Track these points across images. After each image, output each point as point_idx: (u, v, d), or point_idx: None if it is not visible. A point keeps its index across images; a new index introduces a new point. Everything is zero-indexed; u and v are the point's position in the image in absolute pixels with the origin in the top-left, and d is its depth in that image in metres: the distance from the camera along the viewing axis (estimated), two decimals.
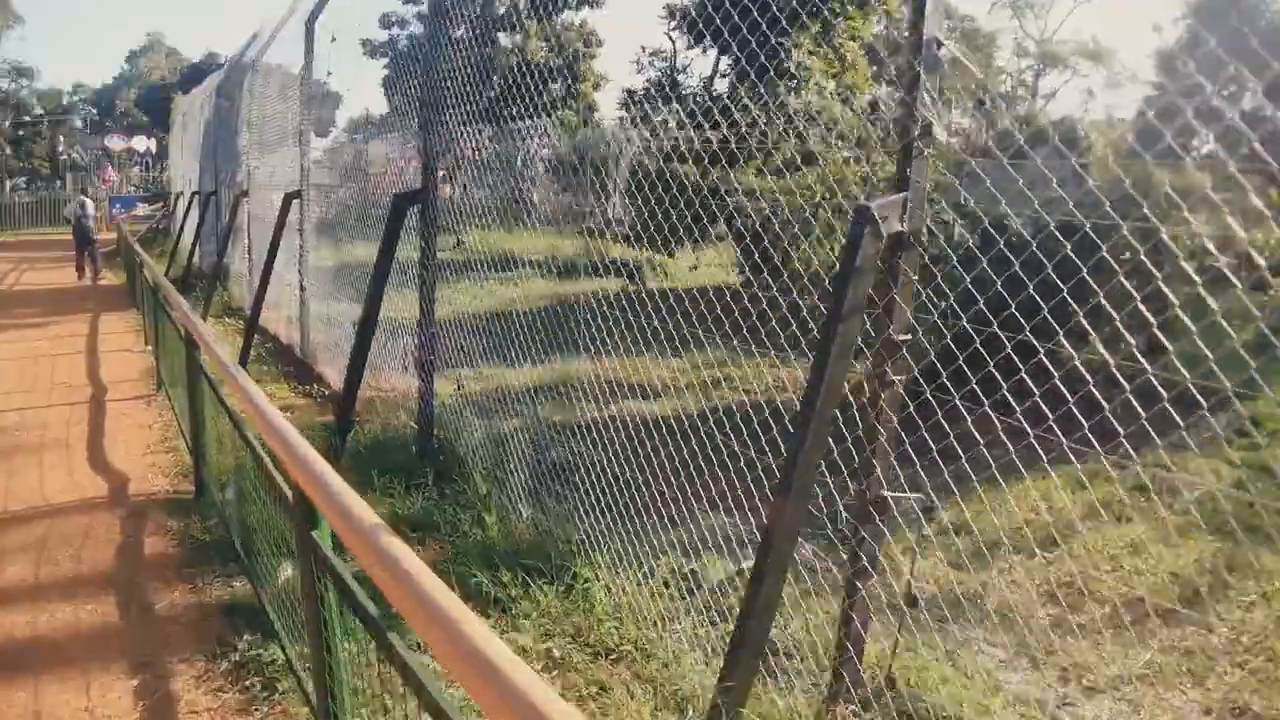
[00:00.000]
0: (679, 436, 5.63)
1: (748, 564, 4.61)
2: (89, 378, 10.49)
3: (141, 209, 39.77)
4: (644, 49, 26.47)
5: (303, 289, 10.80)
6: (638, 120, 24.93)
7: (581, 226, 9.47)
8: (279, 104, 12.68)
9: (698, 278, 18.02)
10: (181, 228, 22.22)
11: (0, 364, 11.17)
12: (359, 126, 14.32)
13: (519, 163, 9.88)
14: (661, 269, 17.75)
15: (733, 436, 5.00)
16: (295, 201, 10.51)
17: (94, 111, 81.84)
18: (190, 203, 21.29)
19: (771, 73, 21.73)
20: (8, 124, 70.54)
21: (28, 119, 73.93)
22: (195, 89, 26.48)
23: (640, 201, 10.51)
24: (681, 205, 6.14)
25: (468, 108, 6.64)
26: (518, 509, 6.12)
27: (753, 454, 4.80)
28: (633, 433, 5.77)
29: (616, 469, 5.78)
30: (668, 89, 24.66)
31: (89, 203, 22.62)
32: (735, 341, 5.76)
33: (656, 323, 6.33)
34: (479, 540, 5.73)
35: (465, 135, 7.35)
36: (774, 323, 4.80)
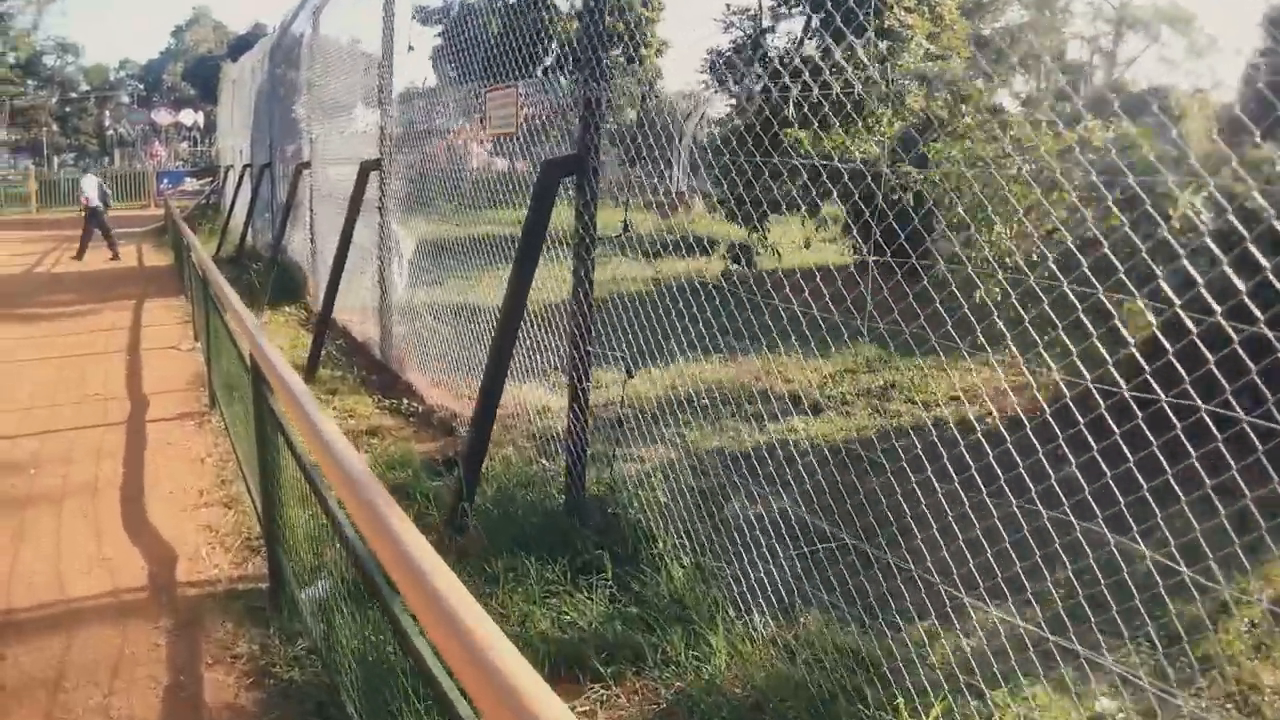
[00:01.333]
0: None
1: None
2: (127, 387, 8.60)
3: (190, 184, 38.17)
4: (729, 6, 24.31)
5: (383, 277, 8.83)
6: (729, 81, 22.73)
7: (655, 199, 7.49)
8: (346, 64, 10.72)
9: (804, 257, 15.99)
10: (232, 203, 20.43)
11: (25, 368, 9.31)
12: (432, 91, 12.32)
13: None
14: (771, 248, 15.60)
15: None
16: (374, 173, 8.53)
17: (141, 87, 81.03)
18: (241, 176, 19.48)
19: (871, 31, 19.67)
20: (54, 101, 69.76)
21: (74, 95, 73.19)
22: (245, 55, 24.64)
23: (735, 172, 8.12)
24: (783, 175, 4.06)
25: None
26: (747, 615, 4.11)
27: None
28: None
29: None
30: (757, 50, 22.50)
31: (98, 180, 21.33)
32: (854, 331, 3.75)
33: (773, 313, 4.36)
34: (706, 681, 3.72)
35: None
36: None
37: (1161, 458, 2.76)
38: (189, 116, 56.40)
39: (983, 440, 3.66)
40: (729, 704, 3.56)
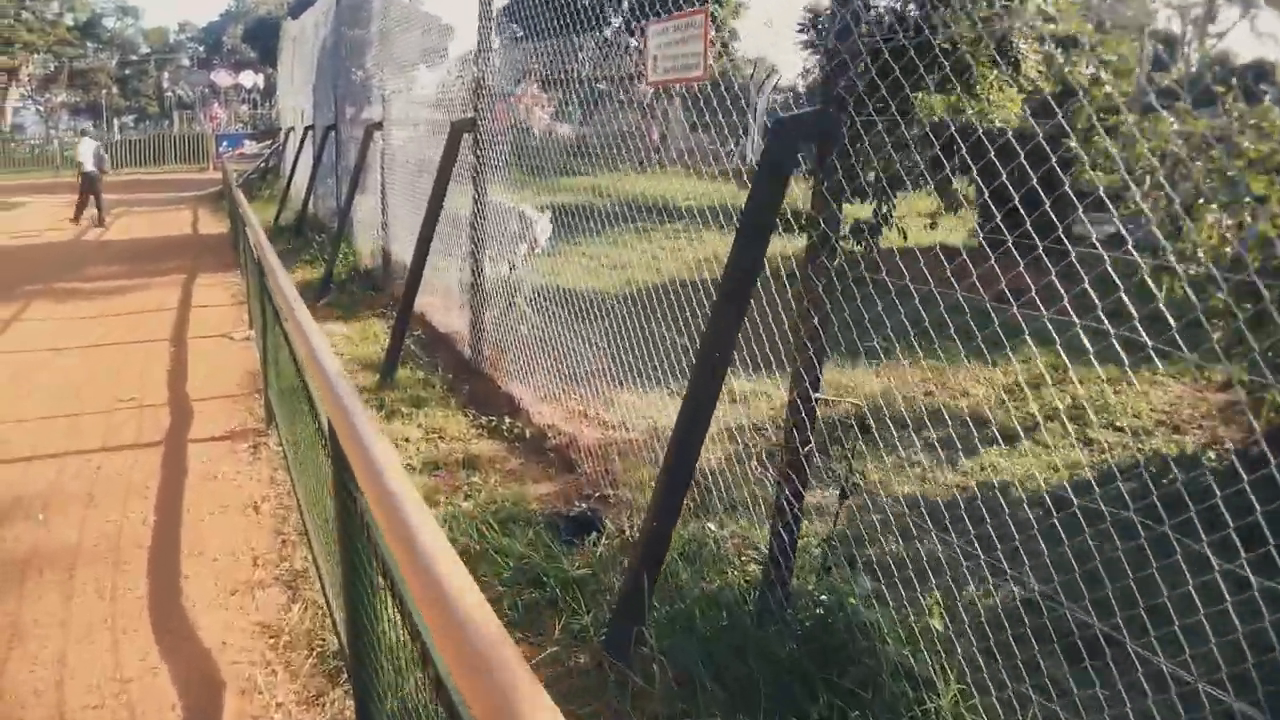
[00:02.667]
0: None
1: None
2: (168, 389, 7.13)
3: (249, 146, 37.01)
4: None
5: (476, 260, 7.27)
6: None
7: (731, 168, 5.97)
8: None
9: (915, 237, 14.20)
10: (293, 168, 19.02)
11: (52, 360, 7.90)
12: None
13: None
14: (897, 226, 13.81)
15: None
16: (468, 135, 6.95)
17: (201, 49, 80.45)
18: (303, 139, 18.04)
19: None
20: (114, 63, 69.31)
21: (134, 58, 72.73)
22: (307, 10, 23.17)
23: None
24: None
25: None
26: None
27: None
28: None
29: None
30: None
31: (100, 147, 20.64)
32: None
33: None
34: None
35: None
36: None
37: None
38: (249, 79, 55.34)
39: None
40: None
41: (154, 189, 27.92)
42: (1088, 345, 2.67)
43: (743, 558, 4.24)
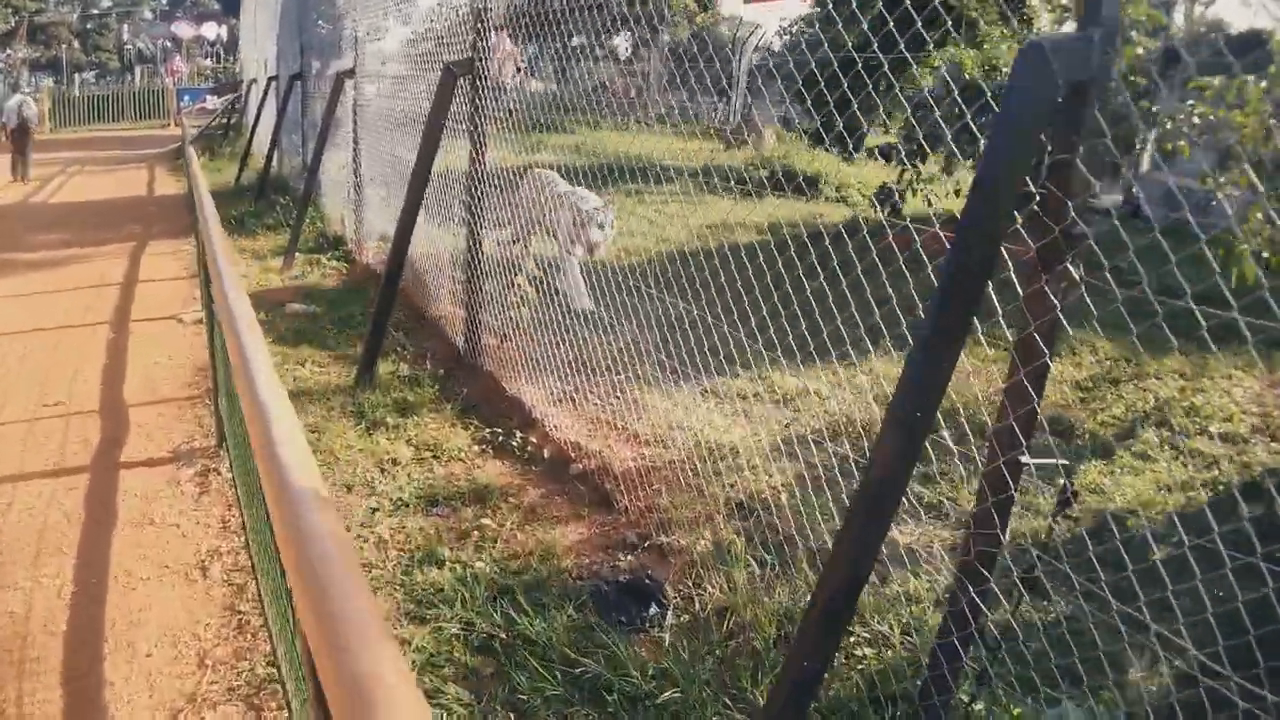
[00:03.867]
0: None
1: None
2: (102, 390, 5.90)
3: (211, 101, 35.25)
4: None
5: (472, 234, 6.06)
6: None
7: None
8: None
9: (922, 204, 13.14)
10: (255, 122, 17.58)
11: None
12: None
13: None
14: (922, 193, 12.61)
15: None
16: (464, 79, 5.72)
17: (164, 1, 77.66)
18: (266, 91, 16.62)
19: None
20: (75, 17, 66.69)
21: (95, 12, 70.06)
22: None
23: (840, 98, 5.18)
24: None
25: None
26: None
27: None
28: None
29: None
30: None
31: (29, 101, 20.35)
32: None
33: None
34: None
35: None
36: None
37: None
38: (211, 30, 53.17)
39: None
40: None
41: (111, 146, 26.26)
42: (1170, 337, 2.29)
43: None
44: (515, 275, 6.62)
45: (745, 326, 4.58)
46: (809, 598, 2.35)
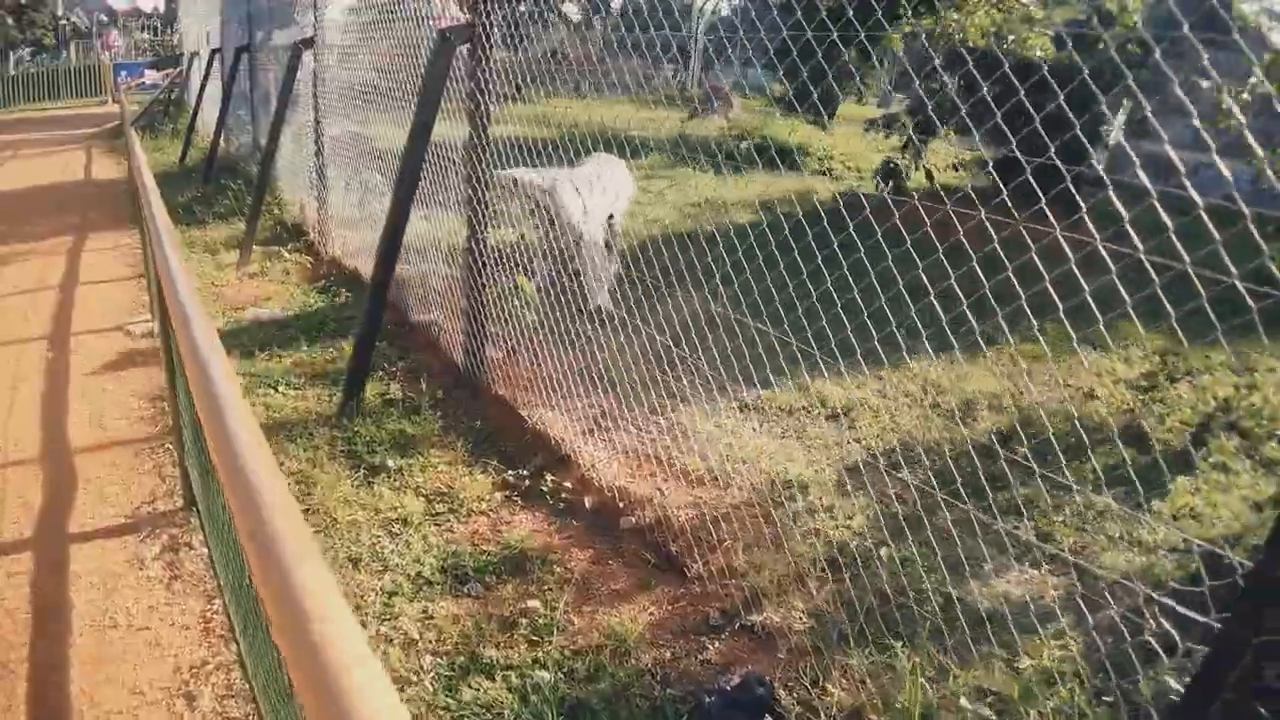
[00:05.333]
0: None
1: None
2: (42, 431, 4.93)
3: (150, 76, 33.61)
4: None
5: (475, 230, 5.17)
6: None
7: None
8: None
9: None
10: (199, 99, 16.36)
11: None
12: None
13: None
14: (924, 168, 11.79)
15: None
16: (462, 48, 4.80)
17: None
18: (210, 65, 15.43)
19: None
20: None
21: None
22: None
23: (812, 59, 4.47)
24: None
25: None
26: None
27: None
28: None
29: None
30: None
31: None
32: None
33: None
34: None
35: None
36: None
37: None
38: (148, 3, 51.04)
39: None
40: None
41: (45, 127, 24.72)
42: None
43: None
44: (518, 269, 5.76)
45: (776, 325, 3.83)
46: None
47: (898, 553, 3.70)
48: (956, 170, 11.78)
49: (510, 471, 4.36)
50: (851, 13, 3.30)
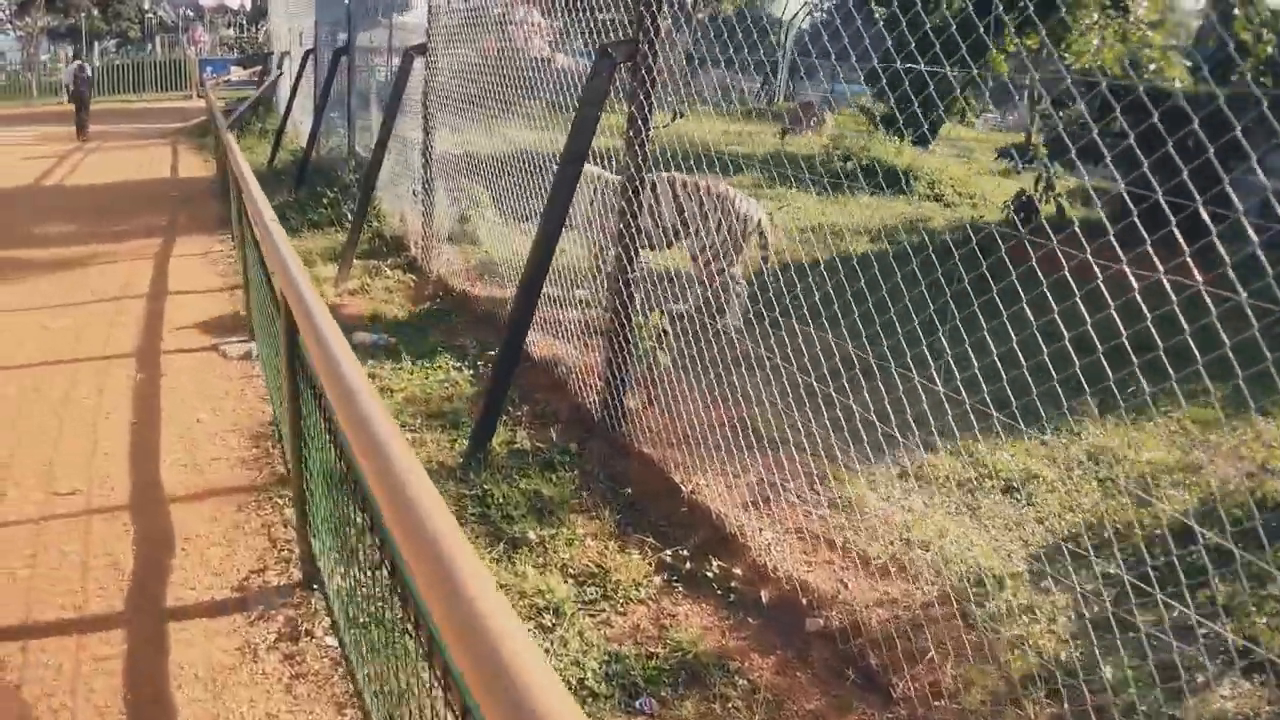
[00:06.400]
0: None
1: None
2: (131, 467, 4.41)
3: (235, 73, 33.69)
4: None
5: (626, 247, 4.57)
6: None
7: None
8: None
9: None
10: (291, 100, 16.04)
11: None
12: None
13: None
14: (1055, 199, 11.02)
15: None
16: (624, 64, 4.20)
17: None
18: (303, 64, 15.09)
19: None
20: None
21: None
22: None
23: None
24: None
25: None
26: None
27: None
28: None
29: None
30: None
31: (86, 66, 22.12)
32: None
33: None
34: None
35: None
36: None
37: None
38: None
39: None
40: None
41: (131, 118, 24.78)
42: None
43: None
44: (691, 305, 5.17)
45: (920, 368, 3.48)
46: None
47: (1112, 668, 3.07)
48: (1084, 204, 11.00)
49: (667, 550, 3.75)
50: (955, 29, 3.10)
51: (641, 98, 4.10)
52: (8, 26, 59.48)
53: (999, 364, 3.06)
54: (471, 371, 5.62)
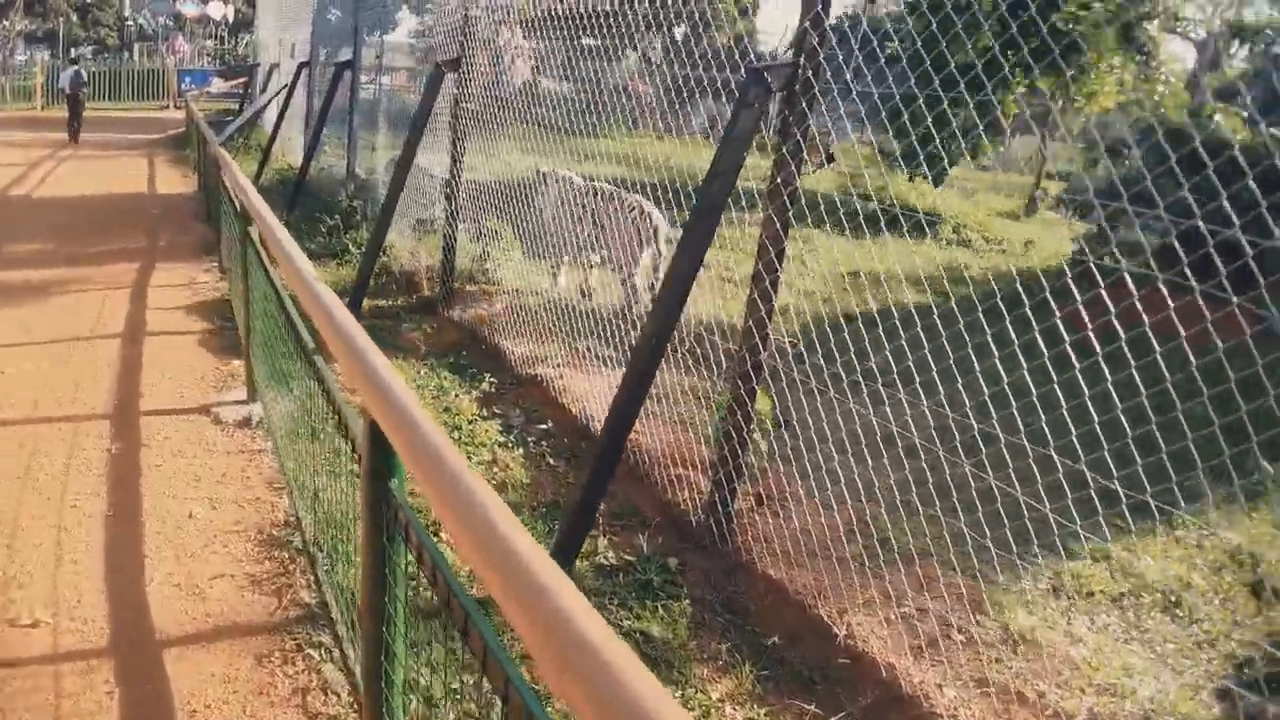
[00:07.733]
0: None
1: None
2: (109, 595, 3.35)
3: (216, 84, 32.57)
4: None
5: (758, 322, 3.61)
6: None
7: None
8: None
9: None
10: (281, 115, 14.99)
11: None
12: None
13: None
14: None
15: None
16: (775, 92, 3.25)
17: None
18: (295, 78, 14.09)
19: None
20: None
21: None
22: None
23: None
24: None
25: None
26: None
27: None
28: None
29: None
30: None
31: (82, 72, 21.89)
32: None
33: None
34: None
35: None
36: None
37: None
38: (217, 10, 50.49)
39: None
40: None
41: (104, 128, 23.57)
42: None
43: None
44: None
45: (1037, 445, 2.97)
46: None
47: None
48: (1131, 257, 10.30)
49: (813, 708, 2.76)
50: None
51: (798, 135, 3.14)
52: None
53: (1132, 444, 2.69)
54: (521, 450, 4.63)
